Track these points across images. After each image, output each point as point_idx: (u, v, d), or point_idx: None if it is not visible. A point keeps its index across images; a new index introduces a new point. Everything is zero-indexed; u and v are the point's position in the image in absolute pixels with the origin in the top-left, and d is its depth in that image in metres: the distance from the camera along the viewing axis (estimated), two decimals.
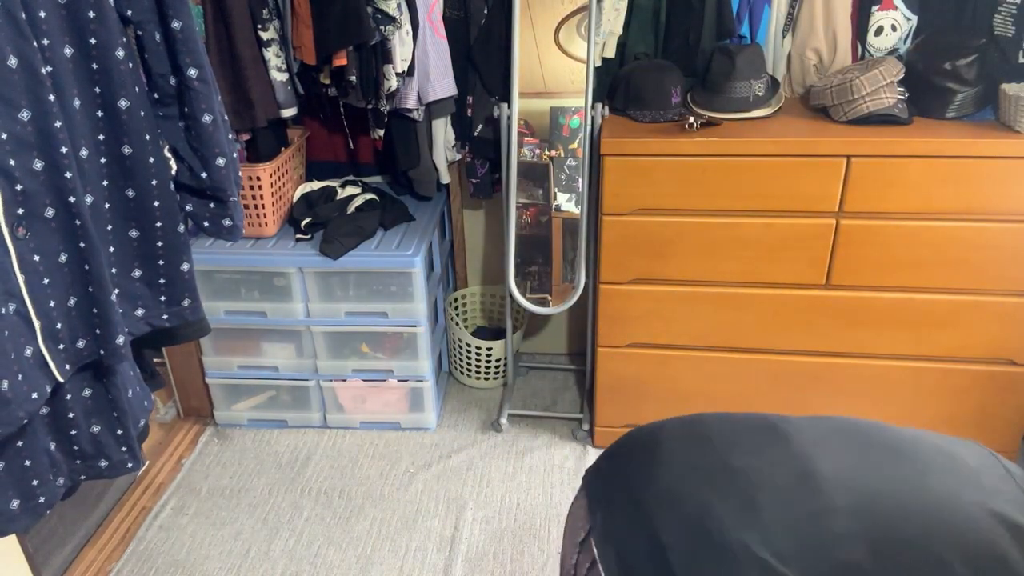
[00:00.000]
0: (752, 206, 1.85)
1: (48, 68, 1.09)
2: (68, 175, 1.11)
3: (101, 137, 1.23)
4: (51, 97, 1.08)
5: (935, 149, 1.74)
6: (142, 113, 1.24)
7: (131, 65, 1.22)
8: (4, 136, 1.04)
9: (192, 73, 1.28)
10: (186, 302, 1.39)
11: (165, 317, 1.38)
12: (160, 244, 1.33)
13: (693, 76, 2.05)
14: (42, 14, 1.08)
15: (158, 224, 1.32)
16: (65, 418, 1.26)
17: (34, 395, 1.13)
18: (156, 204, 1.30)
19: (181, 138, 1.33)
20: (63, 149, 1.09)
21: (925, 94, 1.86)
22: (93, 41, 1.16)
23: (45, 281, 1.14)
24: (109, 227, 1.28)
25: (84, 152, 1.19)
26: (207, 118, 1.31)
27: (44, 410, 1.23)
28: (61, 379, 1.18)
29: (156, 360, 1.71)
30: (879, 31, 1.98)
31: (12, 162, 1.05)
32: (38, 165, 1.09)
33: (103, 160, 1.24)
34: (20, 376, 1.10)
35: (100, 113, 1.21)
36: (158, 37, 1.25)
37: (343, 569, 1.90)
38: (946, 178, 1.76)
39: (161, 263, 1.34)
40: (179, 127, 1.33)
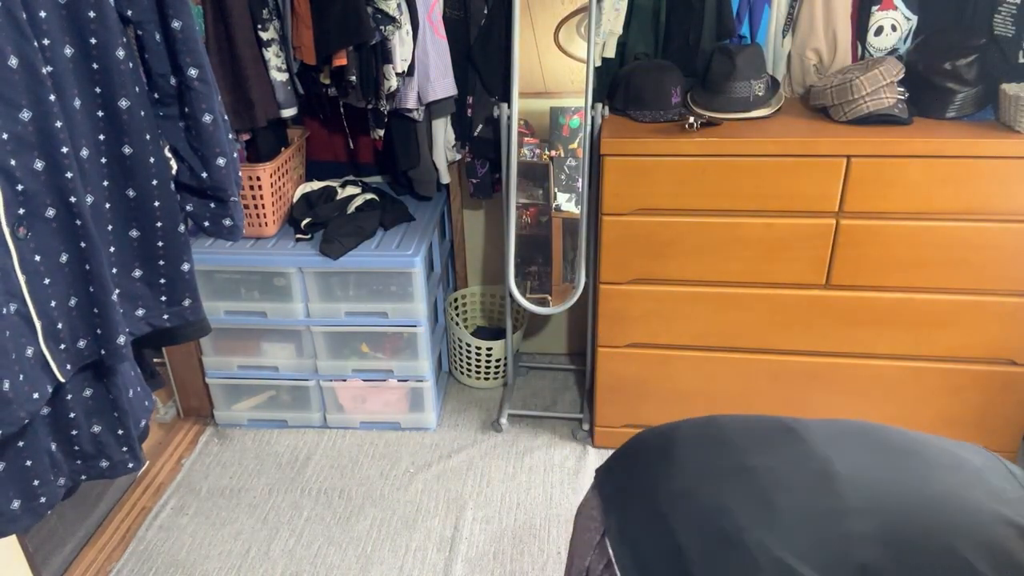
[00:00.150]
0: (752, 206, 1.85)
1: (49, 68, 1.09)
2: (69, 175, 1.11)
3: (101, 137, 1.23)
4: (52, 97, 1.08)
5: (935, 149, 1.74)
6: (142, 113, 1.24)
7: (131, 65, 1.21)
8: (5, 136, 1.04)
9: (192, 73, 1.28)
10: (187, 302, 1.39)
11: (166, 317, 1.38)
12: (160, 244, 1.33)
13: (693, 76, 2.05)
14: (42, 14, 1.08)
15: (158, 224, 1.31)
16: (66, 418, 1.26)
17: (35, 395, 1.13)
18: (156, 204, 1.30)
19: (181, 138, 1.33)
20: (64, 149, 1.09)
21: (925, 94, 1.86)
22: (93, 41, 1.16)
23: (46, 281, 1.14)
24: (110, 227, 1.28)
25: (85, 152, 1.19)
26: (207, 118, 1.31)
27: (45, 410, 1.23)
28: (62, 379, 1.18)
29: (156, 360, 1.71)
30: (879, 31, 1.98)
31: (13, 162, 1.05)
32: (39, 165, 1.08)
33: (103, 160, 1.24)
34: (21, 376, 1.10)
35: (100, 113, 1.21)
36: (158, 37, 1.25)
37: (343, 569, 1.90)
38: (946, 178, 1.76)
39: (162, 263, 1.34)
40: (179, 127, 1.33)
